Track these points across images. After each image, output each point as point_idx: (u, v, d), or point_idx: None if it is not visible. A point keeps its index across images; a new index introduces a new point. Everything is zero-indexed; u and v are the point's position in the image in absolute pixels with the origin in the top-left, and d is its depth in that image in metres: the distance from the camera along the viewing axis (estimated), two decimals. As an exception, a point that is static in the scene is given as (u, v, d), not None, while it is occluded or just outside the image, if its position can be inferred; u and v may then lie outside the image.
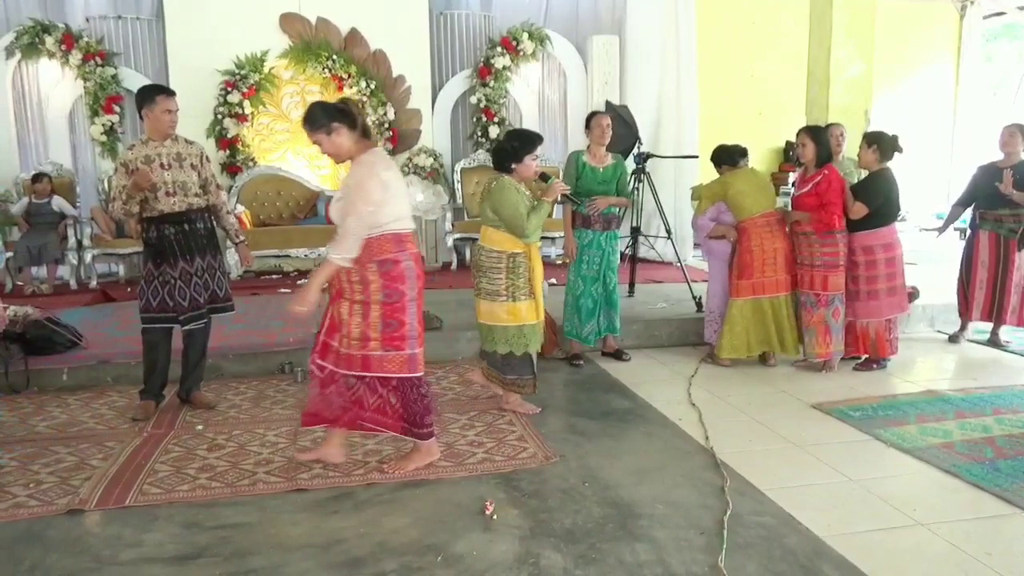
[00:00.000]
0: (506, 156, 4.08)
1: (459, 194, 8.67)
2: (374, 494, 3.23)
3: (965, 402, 4.40)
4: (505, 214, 3.98)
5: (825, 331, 4.94)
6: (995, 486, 3.27)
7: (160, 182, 4.07)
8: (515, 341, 4.12)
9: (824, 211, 4.81)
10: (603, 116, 5.18)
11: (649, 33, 8.66)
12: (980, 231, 5.62)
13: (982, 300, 5.65)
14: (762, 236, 4.99)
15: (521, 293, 4.07)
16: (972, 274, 5.67)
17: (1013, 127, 5.56)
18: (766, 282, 5.02)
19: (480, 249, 4.15)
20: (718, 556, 2.68)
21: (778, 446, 3.78)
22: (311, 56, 8.32)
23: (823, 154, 4.87)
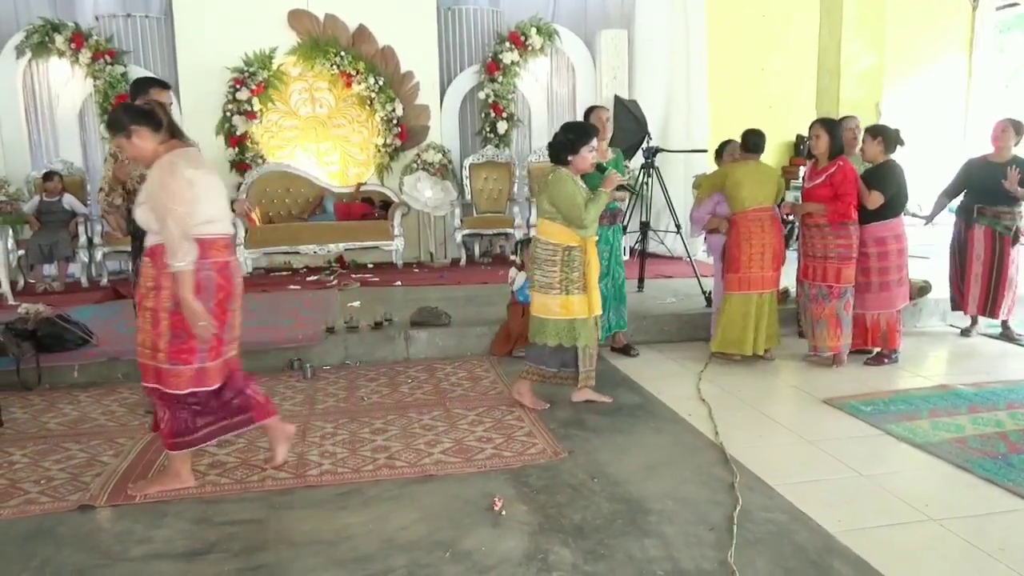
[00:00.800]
0: (562, 148, 4.05)
1: (467, 190, 8.66)
2: (382, 490, 3.23)
3: (978, 396, 4.36)
4: (563, 205, 3.96)
5: (836, 323, 4.91)
6: (1008, 481, 3.24)
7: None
8: (565, 334, 4.09)
9: (840, 202, 4.76)
10: (603, 110, 5.15)
11: (658, 27, 8.62)
12: (976, 225, 5.58)
13: (978, 294, 5.63)
14: (751, 230, 4.95)
15: (575, 287, 4.03)
16: (967, 268, 5.64)
17: (1006, 122, 5.51)
18: (752, 278, 4.99)
19: (536, 241, 4.13)
20: (727, 552, 2.66)
21: (788, 441, 3.75)
22: (319, 53, 8.32)
23: (836, 146, 4.83)
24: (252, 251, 7.79)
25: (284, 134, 8.54)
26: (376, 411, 4.23)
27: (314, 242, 7.95)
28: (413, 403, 4.36)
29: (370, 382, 4.79)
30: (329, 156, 8.70)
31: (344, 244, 8.04)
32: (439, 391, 4.58)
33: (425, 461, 3.51)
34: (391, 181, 8.62)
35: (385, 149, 8.56)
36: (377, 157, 8.63)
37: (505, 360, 5.23)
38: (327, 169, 8.68)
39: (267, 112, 8.37)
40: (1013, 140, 5.44)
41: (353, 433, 3.89)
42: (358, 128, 8.70)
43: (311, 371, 4.92)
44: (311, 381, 4.82)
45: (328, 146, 8.68)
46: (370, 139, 8.68)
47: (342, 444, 3.74)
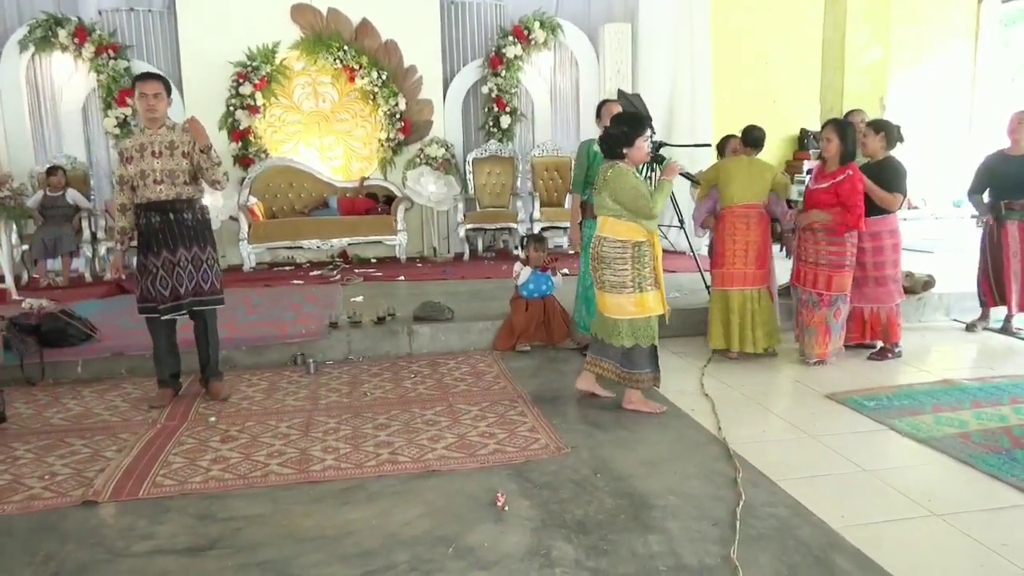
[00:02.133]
0: (617, 142, 3.97)
1: (471, 184, 8.66)
2: (385, 485, 3.23)
3: (982, 391, 4.35)
4: (627, 198, 3.87)
5: (825, 331, 4.86)
6: (1011, 476, 3.23)
7: (149, 170, 4.10)
8: (642, 333, 3.99)
9: (850, 214, 4.66)
10: (614, 104, 5.14)
11: (662, 21, 8.59)
12: (1008, 222, 5.52)
13: (1018, 290, 5.56)
14: (736, 227, 4.92)
15: (648, 283, 3.95)
16: (1005, 265, 5.56)
17: (1022, 114, 5.47)
18: (734, 274, 4.95)
19: (602, 240, 4.00)
20: (731, 547, 2.66)
21: (791, 436, 3.75)
22: (322, 47, 8.31)
23: (848, 151, 4.72)
24: (255, 246, 7.79)
25: (287, 129, 8.54)
26: (379, 406, 4.24)
27: (317, 237, 7.95)
28: (416, 398, 4.36)
29: (373, 377, 4.79)
30: (332, 151, 8.69)
31: (347, 239, 8.04)
32: (442, 386, 4.58)
33: (428, 456, 3.51)
34: (394, 176, 8.62)
35: (388, 144, 8.55)
36: (380, 152, 8.63)
37: (509, 355, 5.23)
38: (330, 164, 8.68)
39: (270, 107, 8.36)
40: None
41: (356, 428, 3.89)
42: (361, 123, 8.69)
43: (315, 366, 4.92)
44: (314, 376, 4.83)
45: (331, 140, 8.67)
46: (373, 134, 8.67)
47: (345, 439, 3.74)
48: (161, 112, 4.16)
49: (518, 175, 8.77)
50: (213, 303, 4.32)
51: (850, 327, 5.03)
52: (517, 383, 4.60)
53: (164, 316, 4.18)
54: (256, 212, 7.96)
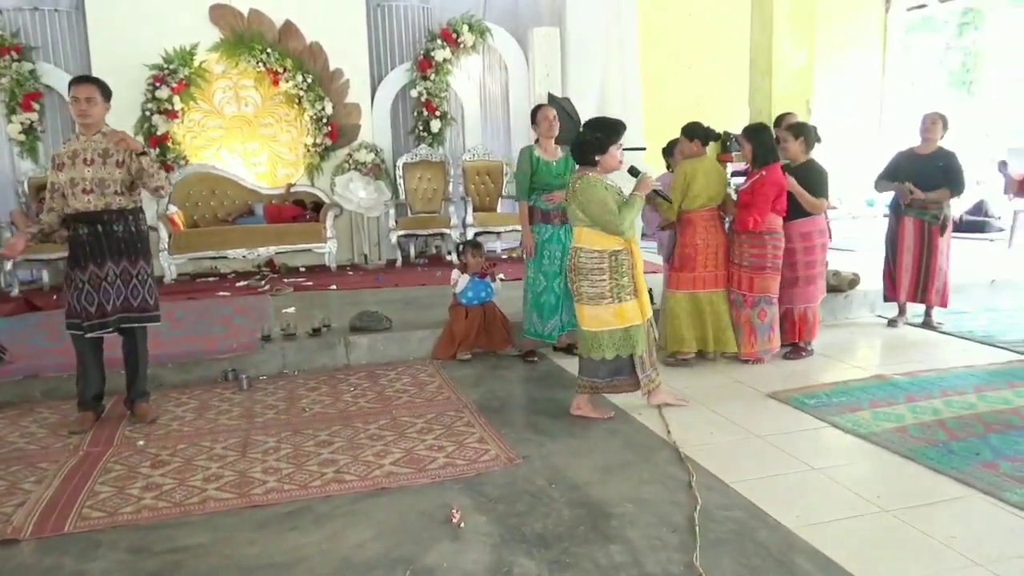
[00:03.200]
0: (590, 148, 3.85)
1: (402, 190, 8.50)
2: (333, 507, 3.09)
3: (913, 385, 4.49)
4: (594, 212, 3.78)
5: (750, 331, 4.91)
6: (952, 468, 3.33)
7: (79, 178, 3.87)
8: (622, 344, 3.91)
9: (745, 210, 4.77)
10: (548, 108, 5.11)
11: (590, 25, 8.62)
12: (905, 217, 5.74)
13: (907, 283, 5.80)
14: (707, 230, 4.91)
15: (626, 293, 3.87)
16: (898, 258, 5.80)
17: (936, 115, 5.70)
18: (706, 276, 4.93)
19: (578, 251, 3.90)
20: (693, 554, 2.64)
21: (739, 437, 3.78)
22: (244, 49, 8.01)
23: (760, 153, 4.80)
24: (176, 257, 7.44)
25: (208, 134, 8.20)
26: (319, 422, 4.08)
27: (242, 246, 7.66)
28: (358, 412, 4.22)
29: (311, 391, 4.62)
30: (256, 156, 8.40)
31: (274, 247, 7.77)
32: (384, 398, 4.44)
33: (376, 473, 3.38)
34: (322, 182, 8.39)
35: (315, 149, 8.32)
36: (307, 157, 8.38)
37: (450, 364, 5.12)
38: (254, 170, 8.38)
39: (189, 111, 8.01)
40: (940, 133, 5.63)
41: (297, 447, 3.73)
42: (286, 127, 8.43)
43: (248, 382, 4.71)
44: (248, 392, 4.62)
45: (255, 146, 8.37)
46: (299, 139, 8.42)
47: (287, 459, 3.58)
48: (95, 118, 3.91)
49: (450, 180, 8.67)
50: (143, 320, 4.08)
51: (783, 327, 5.12)
52: (461, 392, 4.51)
53: (88, 334, 3.92)
54: (176, 221, 7.61)
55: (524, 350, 5.19)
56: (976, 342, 5.48)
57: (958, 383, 4.53)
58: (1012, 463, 3.37)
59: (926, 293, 5.75)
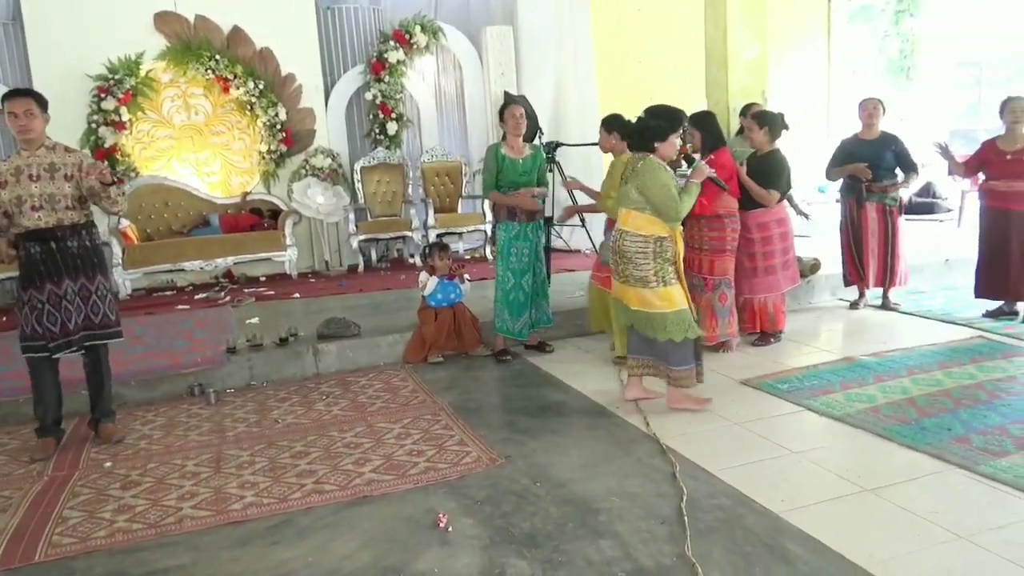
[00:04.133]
0: (651, 135, 3.83)
1: (360, 194, 8.39)
2: (316, 518, 3.02)
3: (881, 366, 4.57)
4: (656, 195, 3.75)
5: (711, 315, 4.89)
6: (926, 444, 3.40)
7: (26, 195, 3.72)
8: (673, 327, 3.86)
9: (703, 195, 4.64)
10: (517, 106, 5.09)
11: (542, 22, 8.63)
12: (867, 203, 5.81)
13: (875, 268, 5.90)
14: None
15: (671, 277, 3.85)
16: (863, 244, 5.88)
17: (875, 100, 5.81)
18: None
19: (623, 234, 3.88)
20: (683, 544, 2.64)
21: (717, 425, 3.80)
22: (192, 57, 7.82)
23: (708, 139, 4.82)
24: (131, 272, 7.23)
25: (158, 144, 7.98)
26: (293, 433, 3.99)
27: (199, 258, 7.47)
28: (332, 421, 4.14)
29: (281, 402, 4.52)
30: (209, 166, 8.20)
31: (232, 258, 7.61)
32: (358, 405, 4.37)
33: (356, 482, 3.32)
34: (279, 189, 8.23)
35: (270, 156, 8.15)
36: (262, 164, 8.21)
37: (422, 367, 5.07)
38: (208, 180, 8.18)
39: (137, 122, 7.78)
40: (881, 117, 5.74)
41: (272, 459, 3.64)
42: (239, 135, 8.25)
43: (215, 396, 4.59)
44: (216, 407, 4.50)
45: (207, 155, 8.17)
46: (253, 146, 8.25)
47: (263, 472, 3.49)
48: (37, 132, 3.75)
49: (409, 182, 8.58)
50: (107, 337, 3.95)
51: (744, 317, 5.15)
52: (436, 395, 4.46)
53: (55, 355, 3.79)
54: (129, 235, 7.39)
55: (496, 350, 5.16)
56: (936, 320, 5.61)
57: (924, 361, 4.63)
58: (983, 436, 3.45)
59: (893, 275, 5.86)
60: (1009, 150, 5.23)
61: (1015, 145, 5.21)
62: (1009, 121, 5.30)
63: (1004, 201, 5.34)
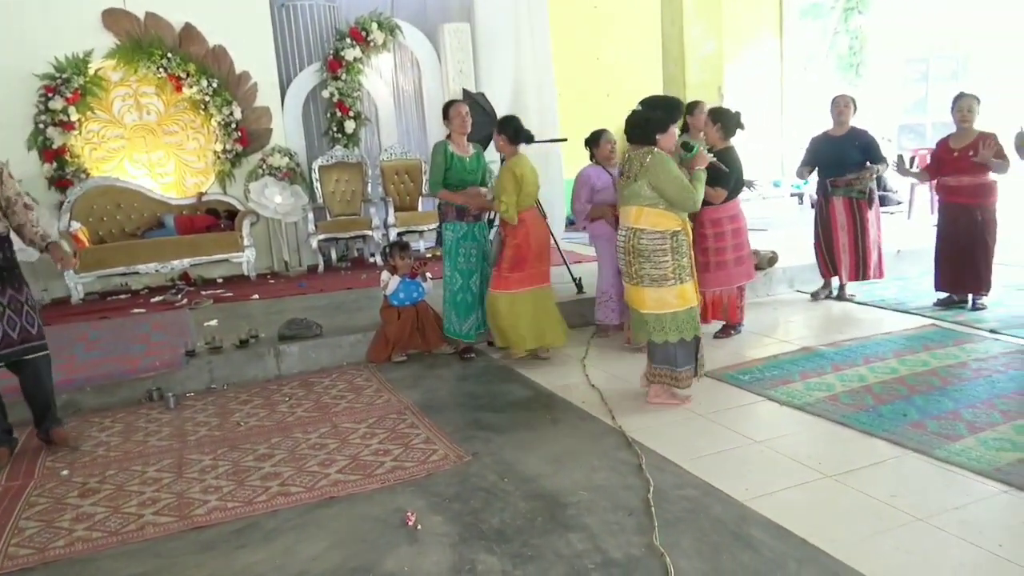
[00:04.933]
0: (652, 127, 3.77)
1: (319, 193, 8.29)
2: (282, 520, 2.99)
3: (839, 355, 4.67)
4: (671, 188, 3.71)
5: None
6: (883, 431, 3.48)
7: None
8: (685, 326, 3.85)
9: None
10: (461, 104, 5.09)
11: (500, 19, 8.63)
12: (834, 198, 5.92)
13: (848, 262, 5.99)
14: (538, 227, 4.84)
15: (686, 274, 3.83)
16: (834, 239, 5.97)
17: (846, 98, 5.94)
18: (535, 273, 4.82)
19: (639, 233, 3.80)
20: (652, 535, 2.67)
21: (681, 417, 3.84)
22: (142, 55, 7.64)
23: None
24: (83, 275, 7.05)
25: (108, 145, 7.79)
26: (257, 436, 3.93)
27: (154, 260, 7.32)
28: (296, 422, 4.09)
29: (243, 405, 4.45)
30: (163, 166, 8.03)
31: (188, 260, 7.46)
32: (321, 406, 4.32)
33: (323, 483, 3.29)
34: (235, 189, 8.10)
35: (225, 155, 8.02)
36: (217, 164, 8.07)
37: (385, 366, 5.04)
38: (162, 180, 8.01)
39: (87, 122, 7.59)
40: (852, 114, 5.86)
41: (236, 463, 3.58)
42: (193, 134, 8.09)
43: (174, 400, 4.50)
44: (176, 411, 4.42)
45: (161, 155, 8.00)
46: (207, 146, 8.09)
47: (226, 476, 3.43)
48: None
49: (368, 180, 8.51)
50: (43, 348, 3.84)
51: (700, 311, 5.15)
52: (400, 394, 4.43)
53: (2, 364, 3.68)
54: (80, 238, 7.20)
55: (461, 347, 5.15)
56: (890, 310, 5.76)
57: (879, 350, 4.74)
58: (938, 421, 3.55)
59: (866, 268, 5.96)
60: (957, 147, 5.38)
61: (963, 142, 5.36)
62: (957, 119, 5.45)
63: (955, 196, 5.48)
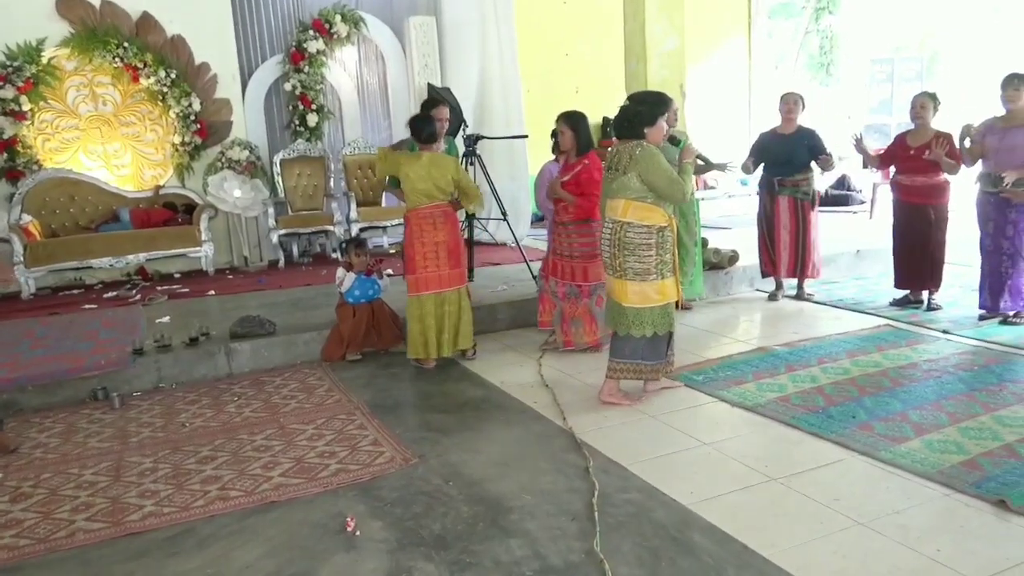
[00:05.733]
0: (640, 120, 3.75)
1: (280, 187, 8.16)
2: (219, 526, 2.91)
3: (792, 355, 4.68)
4: (661, 180, 3.70)
5: (591, 320, 4.85)
6: (831, 433, 3.48)
7: None
8: (660, 321, 3.87)
9: (585, 199, 4.65)
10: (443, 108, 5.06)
11: (466, 13, 8.54)
12: (779, 197, 5.96)
13: (787, 259, 6.05)
14: (423, 228, 4.66)
15: (668, 270, 3.84)
16: (776, 237, 6.03)
17: (794, 95, 5.96)
18: (428, 278, 4.70)
19: (626, 227, 3.79)
20: (592, 540, 2.64)
21: (633, 418, 3.82)
22: (98, 44, 7.44)
23: (583, 141, 4.71)
24: (35, 270, 6.87)
25: (62, 135, 7.59)
26: (201, 437, 3.84)
27: (109, 254, 7.15)
28: (243, 423, 4.01)
29: (190, 405, 4.36)
30: (119, 158, 7.85)
31: (144, 254, 7.30)
32: (271, 407, 4.24)
33: (264, 487, 3.22)
34: (194, 182, 7.94)
35: (184, 148, 7.86)
36: (176, 157, 7.91)
37: (339, 365, 4.96)
38: (118, 173, 7.84)
39: (39, 112, 7.39)
40: (800, 113, 5.88)
41: (177, 466, 3.50)
42: (151, 126, 7.92)
43: (120, 400, 4.39)
44: (121, 411, 4.31)
45: (117, 147, 7.82)
46: (166, 137, 7.93)
47: (165, 480, 3.35)
48: None
49: (330, 175, 8.39)
50: None
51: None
52: (352, 394, 4.37)
53: None
54: (32, 231, 7.02)
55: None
56: (847, 310, 5.79)
57: (833, 350, 4.76)
58: (885, 423, 3.56)
59: (804, 267, 6.01)
60: (913, 145, 5.41)
61: (919, 140, 5.39)
62: (912, 115, 5.49)
63: (908, 195, 5.52)
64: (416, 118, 4.80)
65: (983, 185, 5.12)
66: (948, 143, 5.23)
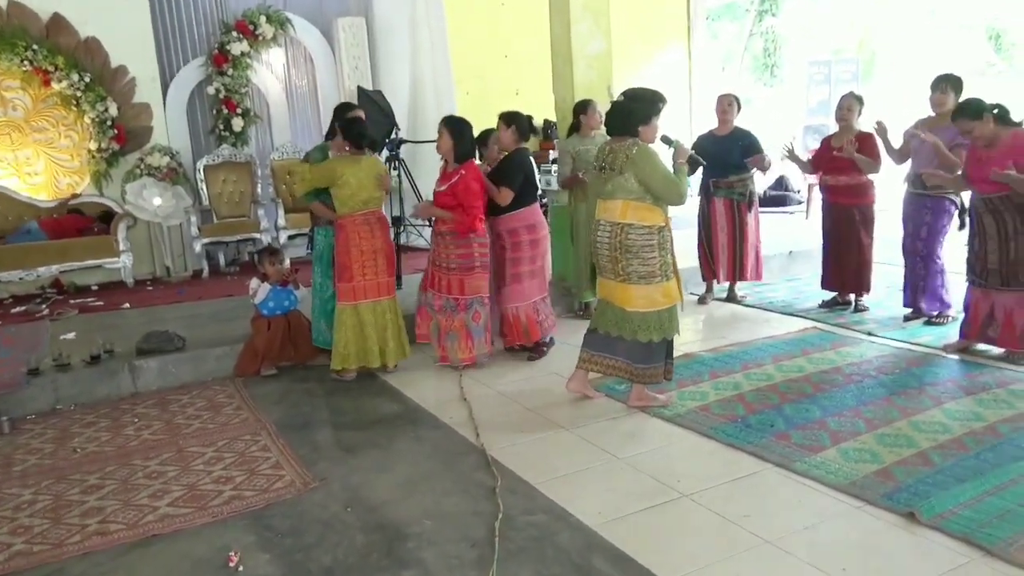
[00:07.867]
0: (634, 118, 3.65)
1: (204, 194, 7.87)
2: (91, 565, 2.70)
3: (717, 361, 4.61)
4: (658, 181, 3.61)
5: (467, 335, 4.62)
6: (747, 443, 3.40)
7: None
8: (667, 325, 3.76)
9: (466, 214, 4.45)
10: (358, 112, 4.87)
11: (397, 14, 8.36)
12: (715, 199, 5.93)
13: (726, 262, 6.00)
14: (360, 235, 4.49)
15: (670, 270, 3.74)
16: (713, 239, 5.98)
17: (730, 96, 5.94)
18: (367, 286, 4.54)
19: (626, 228, 3.66)
20: (489, 570, 2.49)
21: (549, 433, 3.68)
22: (5, 47, 7.08)
23: (462, 149, 4.51)
24: (-64, 284, 6.50)
25: (-32, 142, 7.22)
26: (91, 464, 3.60)
27: (19, 267, 6.80)
28: (139, 447, 3.77)
29: (87, 428, 4.10)
30: (31, 166, 7.48)
31: (58, 266, 6.97)
32: (172, 428, 4.01)
33: (148, 519, 3.00)
34: (112, 190, 7.60)
35: (101, 154, 7.51)
36: (92, 164, 7.56)
37: (253, 381, 4.74)
38: (30, 181, 7.47)
39: (-58, 117, 7.02)
40: (736, 114, 5.84)
41: (58, 497, 3.26)
42: (65, 132, 7.56)
43: (9, 424, 4.11)
44: (10, 436, 4.03)
45: (29, 154, 7.45)
46: (81, 144, 7.57)
47: (42, 513, 3.11)
48: None
49: (258, 181, 8.12)
50: None
51: (505, 330, 4.90)
52: (261, 412, 4.16)
53: None
54: (-65, 244, 6.65)
55: (334, 359, 4.88)
56: (776, 312, 5.76)
57: (758, 355, 4.70)
58: (802, 432, 3.49)
59: (743, 270, 5.96)
60: (836, 146, 5.40)
61: (841, 141, 5.38)
62: (838, 117, 5.49)
63: (834, 195, 5.52)
64: (349, 121, 4.60)
65: (910, 185, 5.13)
66: (866, 141, 5.22)
